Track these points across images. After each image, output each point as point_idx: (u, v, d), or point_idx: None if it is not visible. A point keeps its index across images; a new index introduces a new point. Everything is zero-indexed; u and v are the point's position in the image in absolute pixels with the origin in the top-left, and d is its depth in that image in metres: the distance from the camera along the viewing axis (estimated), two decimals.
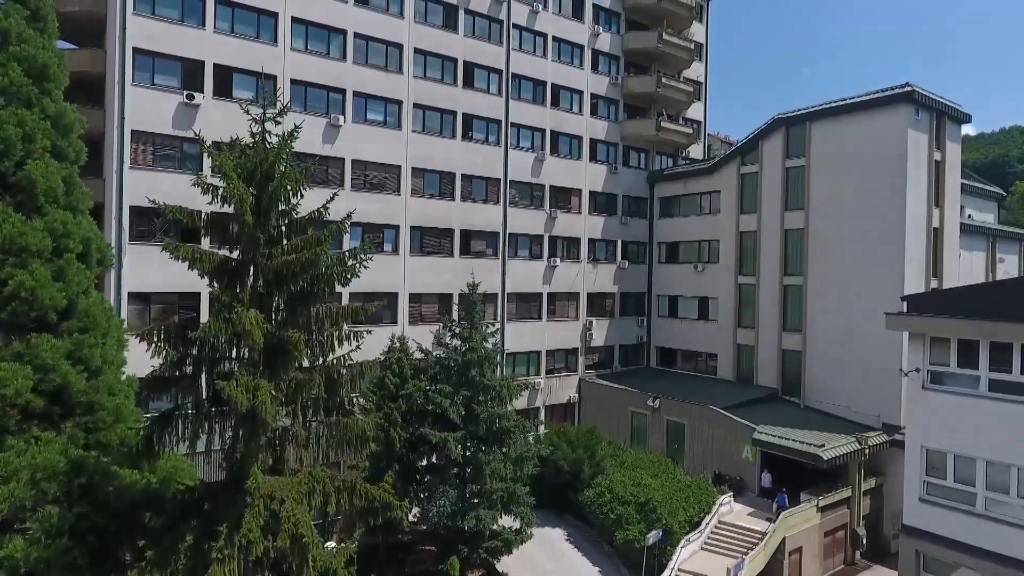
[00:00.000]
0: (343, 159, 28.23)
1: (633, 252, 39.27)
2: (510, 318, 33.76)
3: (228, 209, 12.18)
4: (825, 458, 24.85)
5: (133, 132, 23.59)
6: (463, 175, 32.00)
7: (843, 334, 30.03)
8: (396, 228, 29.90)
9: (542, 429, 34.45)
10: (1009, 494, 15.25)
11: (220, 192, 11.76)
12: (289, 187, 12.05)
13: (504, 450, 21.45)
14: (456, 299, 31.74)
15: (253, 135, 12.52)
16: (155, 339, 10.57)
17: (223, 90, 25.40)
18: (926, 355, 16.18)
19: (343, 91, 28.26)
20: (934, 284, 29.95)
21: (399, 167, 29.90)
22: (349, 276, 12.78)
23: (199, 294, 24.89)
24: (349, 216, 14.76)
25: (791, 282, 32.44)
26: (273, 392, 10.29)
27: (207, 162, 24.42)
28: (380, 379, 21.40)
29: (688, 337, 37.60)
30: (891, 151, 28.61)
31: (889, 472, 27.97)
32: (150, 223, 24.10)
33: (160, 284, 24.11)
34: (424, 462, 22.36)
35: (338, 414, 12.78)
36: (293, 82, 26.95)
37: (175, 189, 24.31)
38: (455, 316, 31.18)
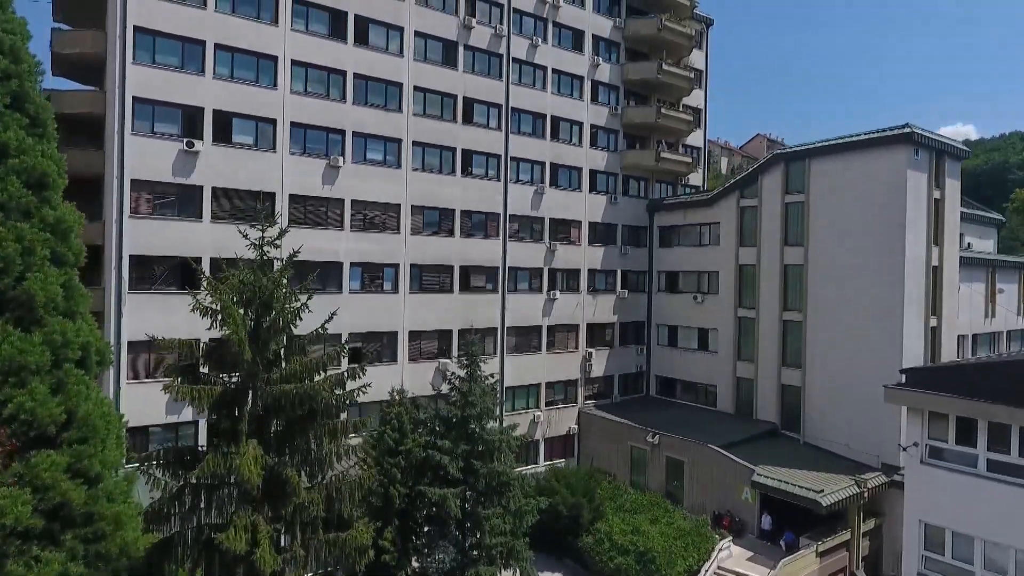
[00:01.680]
0: (343, 200, 28.24)
1: (633, 281, 39.29)
2: (509, 352, 33.78)
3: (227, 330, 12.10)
4: (824, 504, 24.88)
5: (133, 181, 23.60)
6: (463, 211, 32.02)
7: (842, 372, 30.06)
8: (396, 266, 29.91)
9: (541, 463, 34.61)
10: None
11: (219, 317, 11.70)
12: (288, 316, 11.98)
13: (503, 503, 21.46)
14: (456, 335, 31.87)
15: (252, 261, 12.46)
16: (156, 463, 10.57)
17: (223, 136, 25.42)
18: (924, 430, 16.21)
19: (343, 132, 28.28)
20: (933, 323, 30.02)
21: (399, 205, 29.91)
22: (348, 401, 12.64)
23: (198, 340, 24.92)
24: (347, 344, 14.73)
25: (791, 317, 32.46)
26: (272, 527, 10.31)
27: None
28: (380, 434, 21.41)
29: (688, 367, 37.63)
30: (890, 191, 28.64)
31: (888, 512, 27.97)
32: (150, 271, 24.12)
33: (159, 332, 23.99)
34: (424, 513, 22.38)
35: (337, 529, 12.66)
36: (293, 125, 26.97)
37: (175, 236, 24.51)
38: (455, 353, 31.39)
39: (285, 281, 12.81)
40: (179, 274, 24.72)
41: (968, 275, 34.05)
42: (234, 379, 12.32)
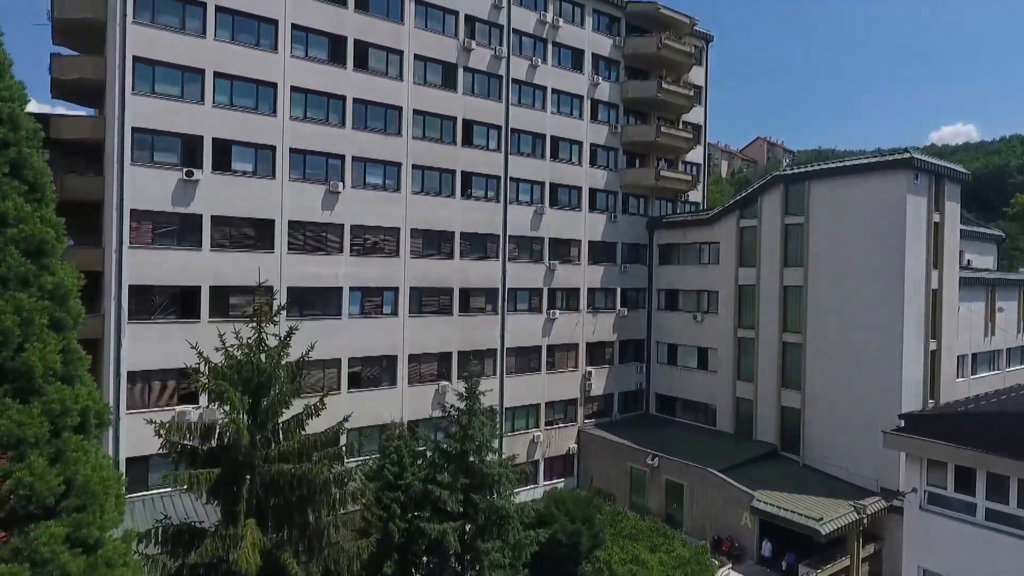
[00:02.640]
0: (342, 225, 28.24)
1: (632, 299, 39.28)
2: (509, 373, 33.78)
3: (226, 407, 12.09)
4: (823, 532, 24.90)
5: (132, 211, 23.60)
6: (462, 233, 32.01)
7: (842, 395, 30.07)
8: (395, 290, 29.91)
9: (541, 482, 34.61)
10: None
11: (219, 400, 11.68)
12: (287, 399, 11.98)
13: (503, 537, 21.46)
14: (456, 357, 31.89)
15: (250, 346, 12.38)
16: (156, 540, 10.60)
17: (222, 164, 25.42)
18: (923, 476, 16.22)
19: (342, 157, 28.28)
20: (933, 346, 30.06)
21: (398, 229, 29.91)
22: (347, 481, 12.60)
23: (198, 369, 24.96)
24: (346, 419, 14.94)
25: (790, 339, 32.46)
26: None
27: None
28: (379, 468, 21.39)
29: (687, 386, 37.62)
30: (890, 216, 28.64)
31: (888, 537, 27.97)
32: (149, 301, 24.11)
33: (159, 361, 24.17)
34: (423, 545, 22.37)
35: None
36: (292, 151, 26.97)
37: (174, 265, 24.50)
38: (455, 376, 31.40)
39: (282, 358, 12.73)
40: (179, 303, 24.76)
41: (968, 294, 34.04)
42: (233, 453, 12.29)
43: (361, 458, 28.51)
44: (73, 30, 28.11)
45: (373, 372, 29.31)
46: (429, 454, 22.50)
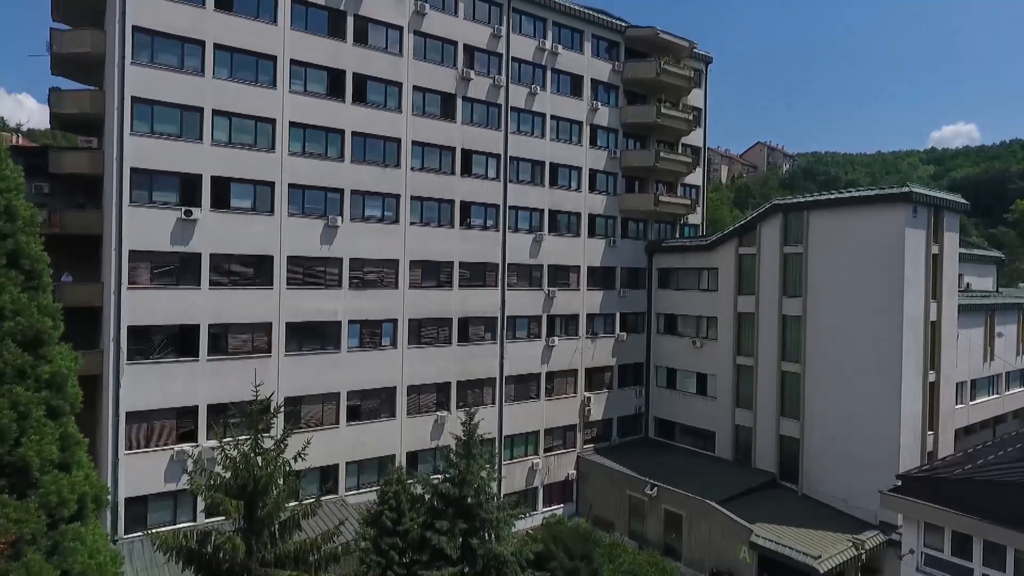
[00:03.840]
0: (341, 259, 28.23)
1: (632, 323, 39.28)
2: (508, 401, 33.80)
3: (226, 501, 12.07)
4: (822, 571, 24.89)
5: (131, 252, 23.59)
6: (461, 263, 32.02)
7: (841, 426, 30.08)
8: (394, 322, 29.91)
9: (540, 509, 34.62)
10: None
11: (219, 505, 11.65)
12: (283, 504, 11.95)
13: None
14: (454, 387, 31.92)
15: (246, 456, 12.32)
16: None
17: (221, 201, 25.41)
18: (920, 538, 16.24)
19: (341, 191, 28.28)
20: (932, 378, 30.08)
21: (397, 261, 29.91)
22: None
23: (196, 408, 25.04)
24: (341, 524, 14.84)
25: (789, 368, 32.46)
26: None
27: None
28: (377, 514, 21.39)
29: (686, 411, 37.63)
30: (889, 249, 28.63)
31: (886, 570, 27.95)
32: (148, 341, 24.11)
33: (158, 401, 24.19)
34: None
35: None
36: (291, 186, 26.97)
37: (173, 305, 24.51)
38: (453, 406, 31.40)
39: (278, 461, 12.68)
40: (177, 341, 24.76)
41: (967, 321, 34.05)
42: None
43: (361, 490, 28.77)
44: (71, 64, 28.21)
45: (372, 405, 29.32)
46: (428, 497, 22.50)
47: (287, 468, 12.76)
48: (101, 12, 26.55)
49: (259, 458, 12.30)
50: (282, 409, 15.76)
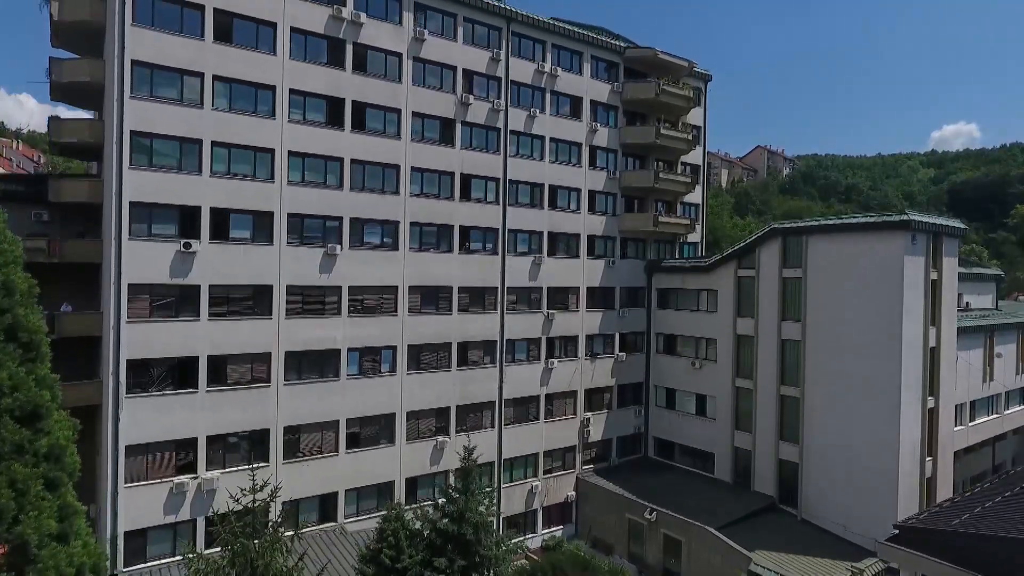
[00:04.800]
0: (340, 287, 28.25)
1: (631, 342, 39.29)
2: (507, 424, 33.82)
3: None
4: None
5: (131, 286, 23.61)
6: (460, 287, 32.03)
7: (839, 452, 30.10)
8: (393, 348, 29.93)
9: (539, 531, 34.65)
10: None
11: None
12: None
13: None
14: (454, 412, 31.95)
15: (244, 546, 12.25)
16: None
17: (220, 233, 25.43)
18: None
19: (340, 219, 28.30)
20: (931, 404, 30.11)
21: (396, 287, 29.93)
22: None
23: (195, 440, 25.07)
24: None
25: (788, 392, 32.48)
26: None
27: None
28: (376, 551, 21.42)
29: (686, 432, 37.63)
30: (887, 277, 28.65)
31: None
32: (147, 374, 24.14)
33: (157, 434, 24.22)
34: None
35: None
36: (290, 216, 26.99)
37: (172, 337, 24.54)
38: (453, 430, 31.40)
39: (276, 550, 12.62)
40: (176, 373, 24.79)
41: (966, 343, 34.02)
42: None
43: (360, 517, 28.79)
44: (70, 92, 28.27)
45: (371, 431, 29.34)
46: (427, 533, 22.52)
47: (284, 547, 12.74)
48: (101, 38, 26.59)
49: (256, 544, 12.21)
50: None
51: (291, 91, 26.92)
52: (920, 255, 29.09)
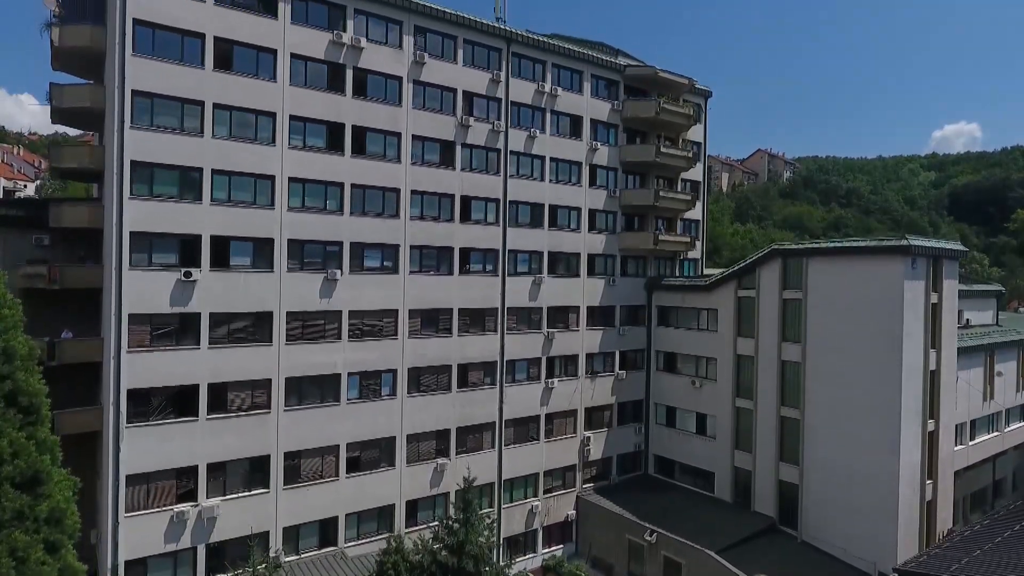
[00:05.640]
0: (340, 311, 28.27)
1: (631, 360, 39.29)
2: (507, 444, 33.83)
3: None
4: None
5: (131, 316, 23.63)
6: (460, 309, 32.03)
7: (840, 473, 30.10)
8: (393, 372, 29.94)
9: (540, 551, 34.67)
10: None
11: None
12: None
13: None
14: (454, 434, 31.97)
15: None
16: None
17: (220, 260, 25.44)
18: None
19: (340, 243, 28.31)
20: (931, 427, 30.13)
21: (396, 311, 29.94)
22: None
23: (196, 468, 25.08)
24: None
25: (788, 414, 32.47)
26: None
27: None
28: None
29: (686, 450, 37.63)
30: (887, 301, 28.65)
31: None
32: (147, 403, 24.16)
33: (158, 463, 24.23)
34: None
35: None
36: (290, 242, 26.99)
37: (172, 366, 24.56)
38: (453, 452, 31.45)
39: None
40: (177, 402, 24.81)
41: (966, 362, 34.00)
42: None
43: (360, 541, 28.83)
44: (71, 115, 28.33)
45: (372, 455, 29.35)
46: (427, 564, 22.55)
47: None
48: (101, 63, 26.62)
49: None
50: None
51: (291, 117, 26.93)
52: (920, 279, 29.10)
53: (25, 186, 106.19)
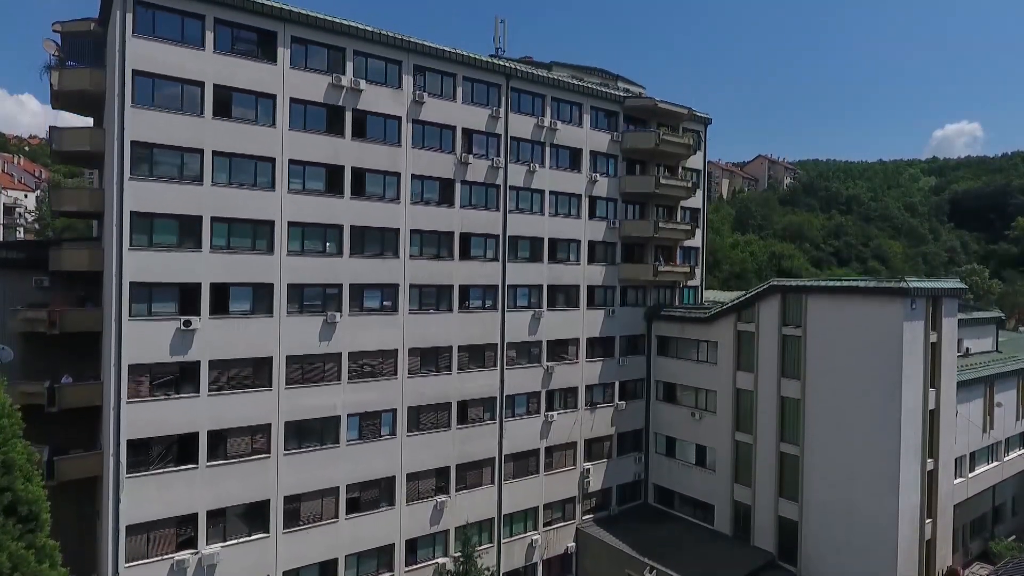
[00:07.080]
0: (340, 353, 28.28)
1: (631, 390, 39.30)
2: (507, 479, 33.84)
3: None
4: None
5: (131, 366, 23.66)
6: (460, 346, 32.05)
7: (839, 513, 30.13)
8: (393, 411, 29.96)
9: None
10: None
11: None
12: None
13: None
14: (453, 471, 31.98)
15: None
16: None
17: (220, 308, 25.45)
18: None
19: (339, 286, 28.32)
20: (931, 466, 30.17)
21: (396, 350, 29.95)
22: None
23: (196, 515, 25.11)
24: None
25: (788, 450, 32.49)
26: None
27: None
28: None
29: (685, 481, 37.65)
30: (886, 343, 28.66)
31: None
32: (147, 453, 24.20)
33: (158, 512, 24.26)
34: None
35: None
36: (290, 286, 27.00)
37: (172, 416, 24.59)
38: (452, 489, 31.46)
39: None
40: (176, 450, 24.84)
41: (966, 395, 33.99)
42: None
43: None
44: (72, 157, 28.37)
45: (371, 495, 29.37)
46: None
47: None
48: (101, 104, 26.71)
49: None
50: None
51: (291, 161, 26.94)
52: (919, 319, 29.11)
53: (26, 196, 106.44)
